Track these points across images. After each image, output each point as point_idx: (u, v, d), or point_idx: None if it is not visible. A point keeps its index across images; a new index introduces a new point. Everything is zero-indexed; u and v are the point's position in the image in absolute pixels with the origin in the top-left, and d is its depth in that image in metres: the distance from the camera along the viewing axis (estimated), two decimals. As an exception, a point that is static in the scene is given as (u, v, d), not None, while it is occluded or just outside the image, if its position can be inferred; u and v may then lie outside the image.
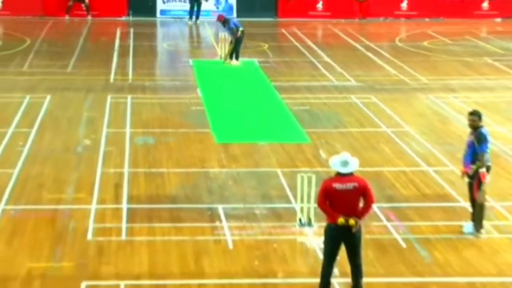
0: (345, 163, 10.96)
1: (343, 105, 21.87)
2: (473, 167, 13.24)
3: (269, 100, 22.55)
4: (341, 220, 10.71)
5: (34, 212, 14.21)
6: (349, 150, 12.75)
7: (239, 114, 21.08)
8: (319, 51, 29.71)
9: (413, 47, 30.89)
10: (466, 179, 13.45)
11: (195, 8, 36.08)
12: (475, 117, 13.50)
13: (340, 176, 10.96)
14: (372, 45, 31.06)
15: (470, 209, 13.50)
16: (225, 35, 27.05)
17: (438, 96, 22.77)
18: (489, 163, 13.43)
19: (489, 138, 13.60)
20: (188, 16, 36.43)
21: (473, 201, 13.40)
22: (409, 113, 20.88)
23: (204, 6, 36.41)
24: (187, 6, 36.56)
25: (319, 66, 27.12)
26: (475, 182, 13.24)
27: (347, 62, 27.54)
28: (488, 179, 13.18)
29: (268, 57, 28.43)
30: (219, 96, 22.84)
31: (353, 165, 11.02)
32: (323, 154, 17.04)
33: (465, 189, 13.71)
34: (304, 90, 23.51)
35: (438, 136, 18.88)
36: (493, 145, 16.92)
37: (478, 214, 13.42)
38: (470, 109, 14.20)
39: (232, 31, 26.21)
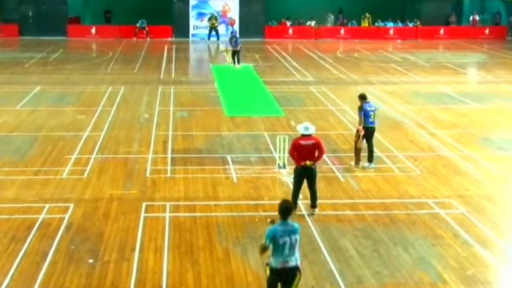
0: (306, 128, 10.88)
1: (305, 92, 21.52)
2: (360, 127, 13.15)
3: (259, 89, 22.12)
4: (308, 163, 10.66)
5: (113, 159, 13.94)
6: (309, 120, 12.70)
7: (240, 98, 20.70)
8: (290, 59, 29.30)
9: (348, 57, 30.51)
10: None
11: (213, 33, 35.54)
12: (359, 98, 13.33)
13: (303, 136, 10.85)
14: (322, 55, 30.66)
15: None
16: (230, 49, 26.80)
17: (363, 87, 22.22)
18: (370, 125, 13.17)
19: (370, 109, 13.18)
20: (207, 38, 35.87)
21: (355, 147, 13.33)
22: (345, 98, 20.46)
23: (219, 31, 35.96)
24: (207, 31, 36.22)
25: (290, 68, 26.72)
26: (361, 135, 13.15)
27: (307, 66, 27.15)
28: (363, 133, 13.04)
29: (259, 63, 27.95)
30: (228, 87, 22.39)
31: (311, 130, 10.93)
32: (292, 123, 16.75)
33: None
34: (281, 83, 23.13)
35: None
36: (396, 117, 16.73)
37: (357, 154, 13.38)
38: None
39: (237, 45, 26.13)
